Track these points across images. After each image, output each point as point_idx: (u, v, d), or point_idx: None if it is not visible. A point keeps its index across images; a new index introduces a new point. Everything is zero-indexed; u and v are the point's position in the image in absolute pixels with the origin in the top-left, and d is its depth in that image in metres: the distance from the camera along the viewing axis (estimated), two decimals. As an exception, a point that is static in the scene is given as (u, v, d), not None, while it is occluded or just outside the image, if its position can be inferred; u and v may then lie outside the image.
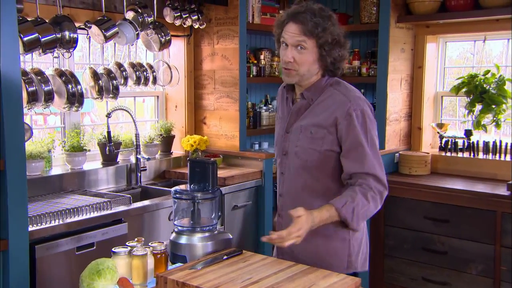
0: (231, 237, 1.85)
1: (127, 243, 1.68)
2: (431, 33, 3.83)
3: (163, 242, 1.71)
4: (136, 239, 1.64)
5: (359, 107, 1.81)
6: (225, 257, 1.72)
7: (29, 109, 2.64)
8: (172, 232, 1.80)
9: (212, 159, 1.86)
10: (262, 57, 3.84)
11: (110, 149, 3.04)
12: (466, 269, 3.20)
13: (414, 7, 3.64)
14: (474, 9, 3.46)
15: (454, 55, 4.11)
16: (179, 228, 1.81)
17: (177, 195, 1.82)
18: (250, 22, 3.62)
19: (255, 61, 3.81)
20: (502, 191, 3.12)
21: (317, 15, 1.78)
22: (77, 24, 2.79)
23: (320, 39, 1.77)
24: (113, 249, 1.63)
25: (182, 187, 1.85)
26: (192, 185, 1.83)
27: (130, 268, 1.61)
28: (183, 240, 1.78)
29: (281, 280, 1.58)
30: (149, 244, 1.70)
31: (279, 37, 1.87)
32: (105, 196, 2.78)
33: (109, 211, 2.58)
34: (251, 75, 3.72)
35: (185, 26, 3.46)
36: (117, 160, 3.26)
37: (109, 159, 3.19)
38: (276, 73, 3.94)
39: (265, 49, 3.90)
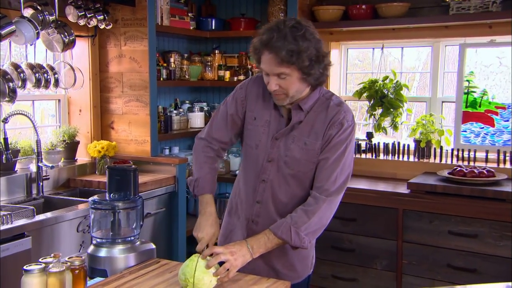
0: (153, 247, 1.78)
1: (40, 260, 1.53)
2: (335, 40, 4.00)
3: (81, 257, 1.59)
4: (53, 254, 1.50)
5: (351, 119, 1.82)
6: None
7: None
8: (81, 245, 1.69)
9: (133, 166, 1.77)
10: (172, 60, 3.75)
11: (7, 158, 2.79)
12: (372, 265, 3.37)
13: (319, 14, 3.77)
14: (373, 19, 3.68)
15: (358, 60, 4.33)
16: (98, 240, 1.70)
17: (96, 205, 1.70)
18: (159, 24, 3.52)
19: (165, 64, 3.71)
20: (403, 189, 3.33)
21: (290, 39, 1.65)
22: (-34, 20, 2.53)
23: (297, 64, 1.68)
24: (24, 267, 1.48)
25: (101, 196, 1.74)
26: (111, 194, 1.73)
27: (45, 287, 1.47)
28: (103, 253, 1.67)
29: (211, 289, 1.55)
30: (65, 259, 1.57)
31: (258, 63, 1.78)
32: (3, 208, 2.54)
33: (9, 225, 2.36)
34: (162, 79, 3.62)
35: (89, 26, 3.28)
36: (15, 169, 3.00)
37: (6, 168, 2.92)
38: (187, 76, 3.87)
39: (174, 52, 3.81)
